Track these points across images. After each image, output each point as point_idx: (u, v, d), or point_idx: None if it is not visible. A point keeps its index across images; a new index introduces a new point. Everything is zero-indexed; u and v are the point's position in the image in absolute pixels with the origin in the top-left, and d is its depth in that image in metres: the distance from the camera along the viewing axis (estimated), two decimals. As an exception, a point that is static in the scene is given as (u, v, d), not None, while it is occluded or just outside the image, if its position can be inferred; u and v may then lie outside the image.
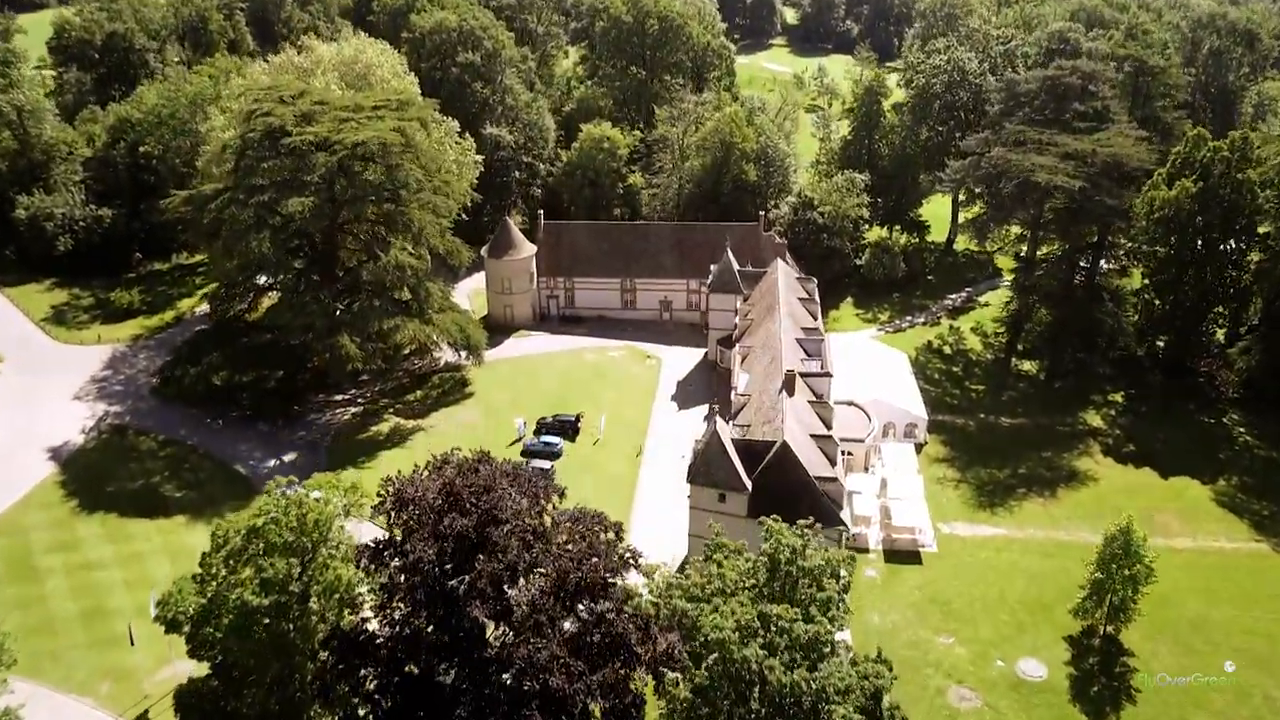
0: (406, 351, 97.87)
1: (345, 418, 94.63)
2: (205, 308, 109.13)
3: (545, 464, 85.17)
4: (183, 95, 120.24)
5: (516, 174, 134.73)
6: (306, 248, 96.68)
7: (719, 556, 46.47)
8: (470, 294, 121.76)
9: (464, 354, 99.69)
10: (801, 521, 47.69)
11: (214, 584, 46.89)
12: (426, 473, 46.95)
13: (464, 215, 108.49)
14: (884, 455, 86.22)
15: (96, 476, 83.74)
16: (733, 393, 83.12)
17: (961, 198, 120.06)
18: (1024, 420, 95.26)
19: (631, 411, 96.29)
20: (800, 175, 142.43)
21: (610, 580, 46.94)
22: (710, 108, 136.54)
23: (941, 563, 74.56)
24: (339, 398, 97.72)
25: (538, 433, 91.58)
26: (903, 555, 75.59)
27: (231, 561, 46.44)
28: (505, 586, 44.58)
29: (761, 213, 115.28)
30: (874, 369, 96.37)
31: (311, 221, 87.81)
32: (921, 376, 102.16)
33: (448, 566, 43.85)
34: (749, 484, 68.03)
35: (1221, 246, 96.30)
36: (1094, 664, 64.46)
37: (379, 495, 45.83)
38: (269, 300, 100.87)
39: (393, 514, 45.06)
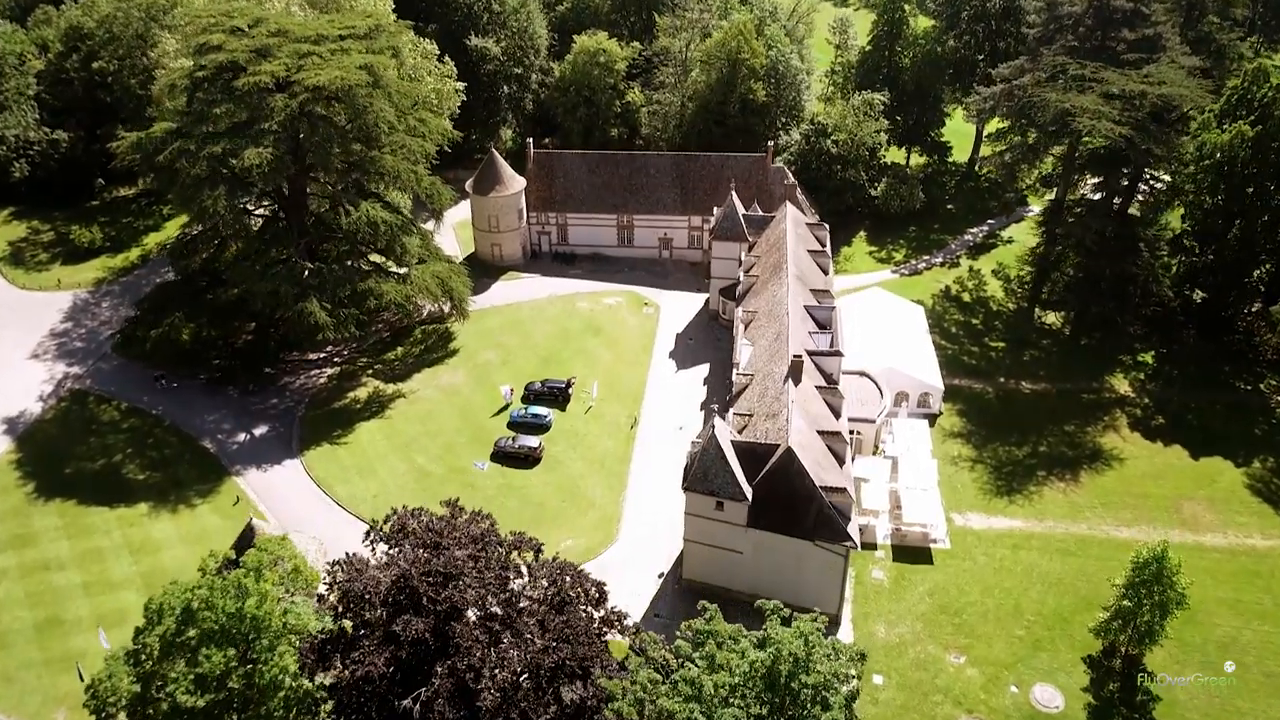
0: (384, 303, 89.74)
1: (320, 381, 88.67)
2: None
3: (533, 441, 79.71)
4: (135, 6, 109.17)
5: (505, 89, 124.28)
6: (271, 194, 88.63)
7: (710, 647, 41.33)
8: (457, 226, 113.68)
9: (447, 307, 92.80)
10: (806, 628, 41.73)
11: (149, 663, 42.10)
12: (386, 545, 41.25)
13: (447, 149, 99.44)
14: (895, 432, 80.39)
15: (54, 455, 78.67)
16: (734, 370, 76.63)
17: (989, 130, 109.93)
18: (1046, 385, 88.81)
19: (627, 372, 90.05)
20: (815, 87, 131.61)
21: (589, 664, 41.95)
22: (717, 15, 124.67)
23: (954, 563, 69.77)
24: (314, 357, 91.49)
25: (526, 400, 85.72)
26: (913, 552, 70.73)
27: (165, 644, 41.44)
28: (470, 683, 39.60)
29: (770, 143, 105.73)
30: (887, 328, 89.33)
31: (271, 175, 79.57)
32: (938, 329, 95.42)
33: (401, 676, 38.75)
34: (749, 493, 62.54)
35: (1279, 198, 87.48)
36: (1114, 692, 60.35)
37: (326, 582, 40.29)
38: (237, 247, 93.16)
39: (340, 608, 39.61)
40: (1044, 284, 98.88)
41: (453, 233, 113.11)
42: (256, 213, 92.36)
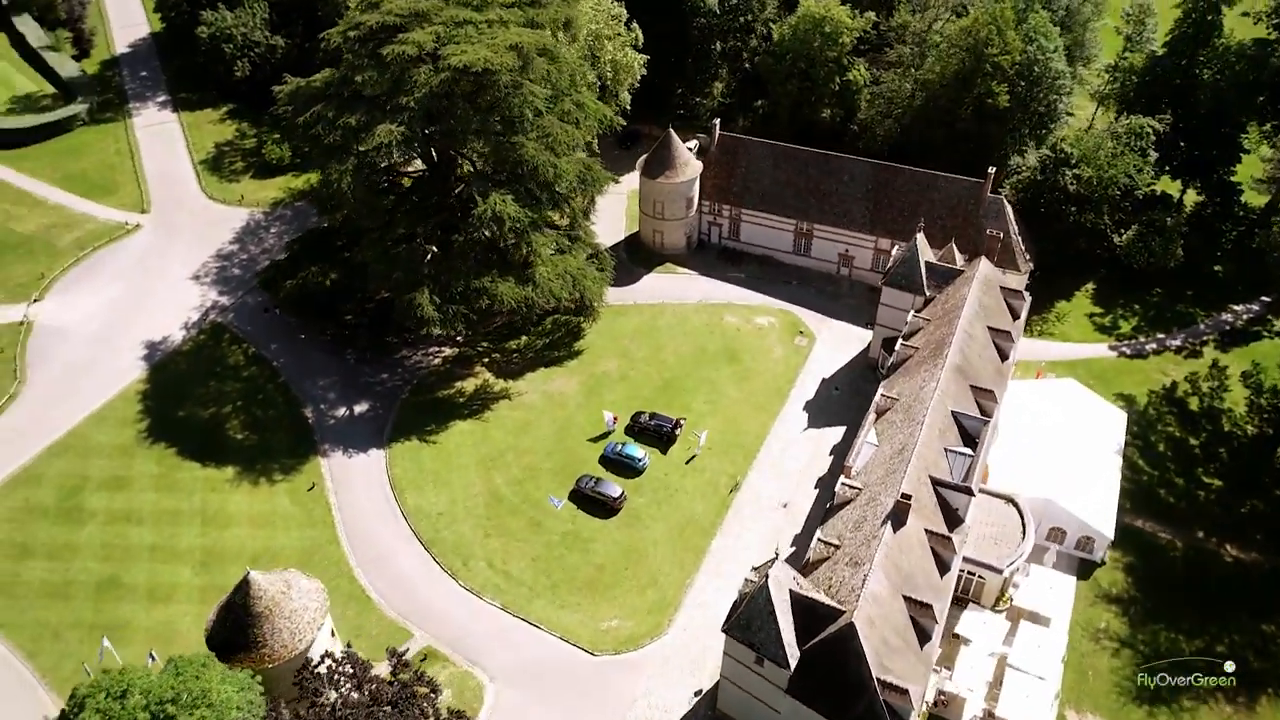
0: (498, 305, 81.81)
1: (435, 361, 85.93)
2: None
3: (614, 490, 73.12)
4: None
5: (719, 44, 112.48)
6: (422, 157, 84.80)
7: None
8: (630, 194, 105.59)
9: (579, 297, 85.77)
10: None
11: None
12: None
13: (620, 122, 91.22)
14: (1031, 580, 66.63)
15: (176, 393, 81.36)
16: (842, 475, 65.26)
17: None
18: (1258, 556, 70.43)
19: (749, 418, 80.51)
20: (1091, 80, 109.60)
21: None
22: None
23: (1045, 781, 57.36)
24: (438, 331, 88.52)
25: (629, 431, 78.87)
26: (999, 751, 58.90)
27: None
28: None
29: (991, 169, 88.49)
30: (1068, 437, 73.49)
31: (405, 150, 75.44)
32: (1140, 445, 78.13)
33: None
34: (794, 659, 53.27)
35: None
36: None
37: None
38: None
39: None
40: (1303, 411, 77.83)
41: (624, 201, 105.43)
42: (409, 169, 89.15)
